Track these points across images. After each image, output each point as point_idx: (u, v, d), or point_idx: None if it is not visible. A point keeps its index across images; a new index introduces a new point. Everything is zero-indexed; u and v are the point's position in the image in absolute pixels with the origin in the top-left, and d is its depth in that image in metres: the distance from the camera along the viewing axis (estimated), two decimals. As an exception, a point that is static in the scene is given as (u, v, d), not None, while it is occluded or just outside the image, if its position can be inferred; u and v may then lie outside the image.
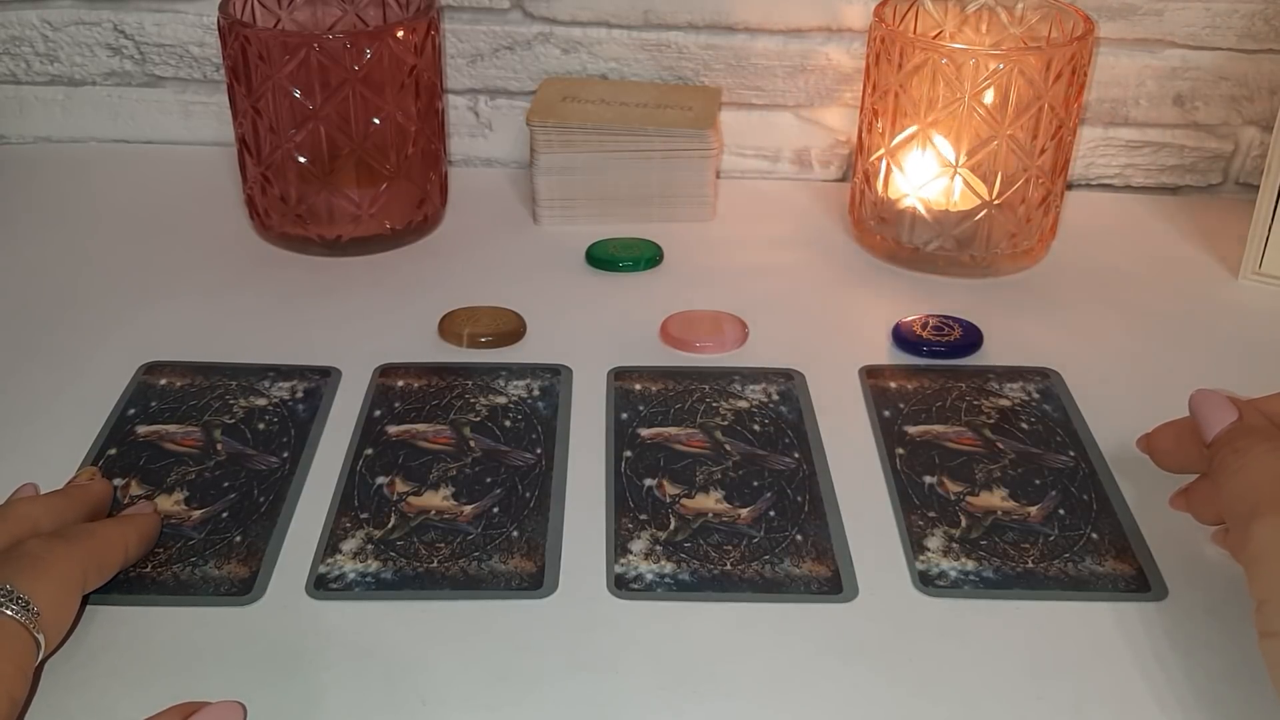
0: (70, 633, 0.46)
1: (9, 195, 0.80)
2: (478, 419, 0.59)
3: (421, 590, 0.49)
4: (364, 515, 0.53)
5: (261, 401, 0.60)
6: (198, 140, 0.86)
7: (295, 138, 0.70)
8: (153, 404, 0.59)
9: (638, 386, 0.62)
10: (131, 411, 0.59)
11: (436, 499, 0.54)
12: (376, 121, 0.70)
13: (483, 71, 0.83)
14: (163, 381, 0.61)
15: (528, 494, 0.54)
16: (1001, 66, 0.66)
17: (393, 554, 0.50)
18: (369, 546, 0.51)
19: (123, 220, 0.77)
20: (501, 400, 0.60)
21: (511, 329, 0.65)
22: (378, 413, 0.59)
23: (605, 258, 0.73)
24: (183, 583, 0.49)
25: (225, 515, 0.52)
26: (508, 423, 0.59)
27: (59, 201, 0.79)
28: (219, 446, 0.57)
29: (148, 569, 0.50)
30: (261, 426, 0.58)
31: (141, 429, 0.58)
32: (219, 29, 0.69)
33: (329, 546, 0.51)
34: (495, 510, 0.53)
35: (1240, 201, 0.81)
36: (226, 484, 0.54)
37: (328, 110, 0.69)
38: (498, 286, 0.70)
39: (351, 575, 0.49)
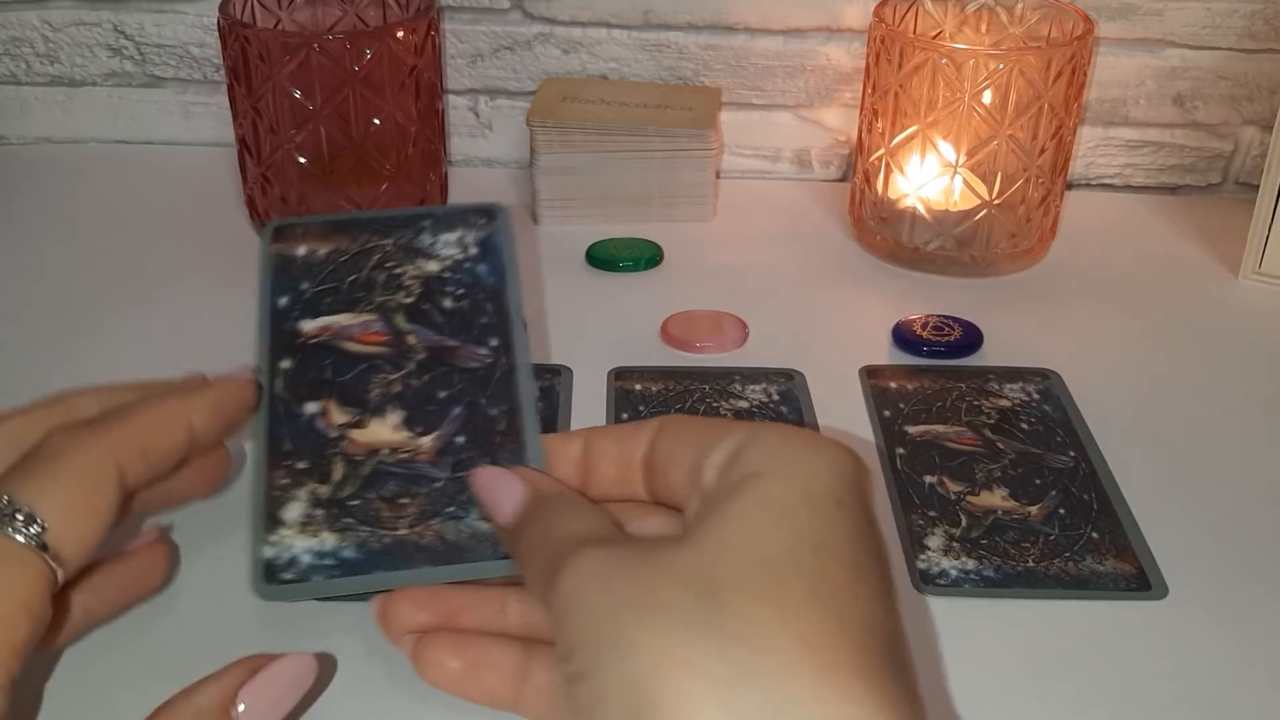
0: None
1: (9, 195, 0.80)
2: None
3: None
4: None
5: None
6: (198, 140, 0.86)
7: (295, 138, 0.70)
8: None
9: (638, 387, 0.62)
10: None
11: None
12: (376, 122, 0.70)
13: (483, 71, 0.83)
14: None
15: None
16: (1001, 66, 0.66)
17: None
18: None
19: (123, 221, 0.77)
20: None
21: (512, 329, 0.65)
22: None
23: (605, 258, 0.73)
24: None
25: None
26: None
27: (59, 202, 0.79)
28: None
29: None
30: None
31: None
32: (219, 29, 0.69)
33: None
34: None
35: (1240, 201, 0.81)
36: None
37: (328, 110, 0.69)
38: (498, 286, 0.70)
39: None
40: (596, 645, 0.31)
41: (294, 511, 0.41)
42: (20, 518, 0.34)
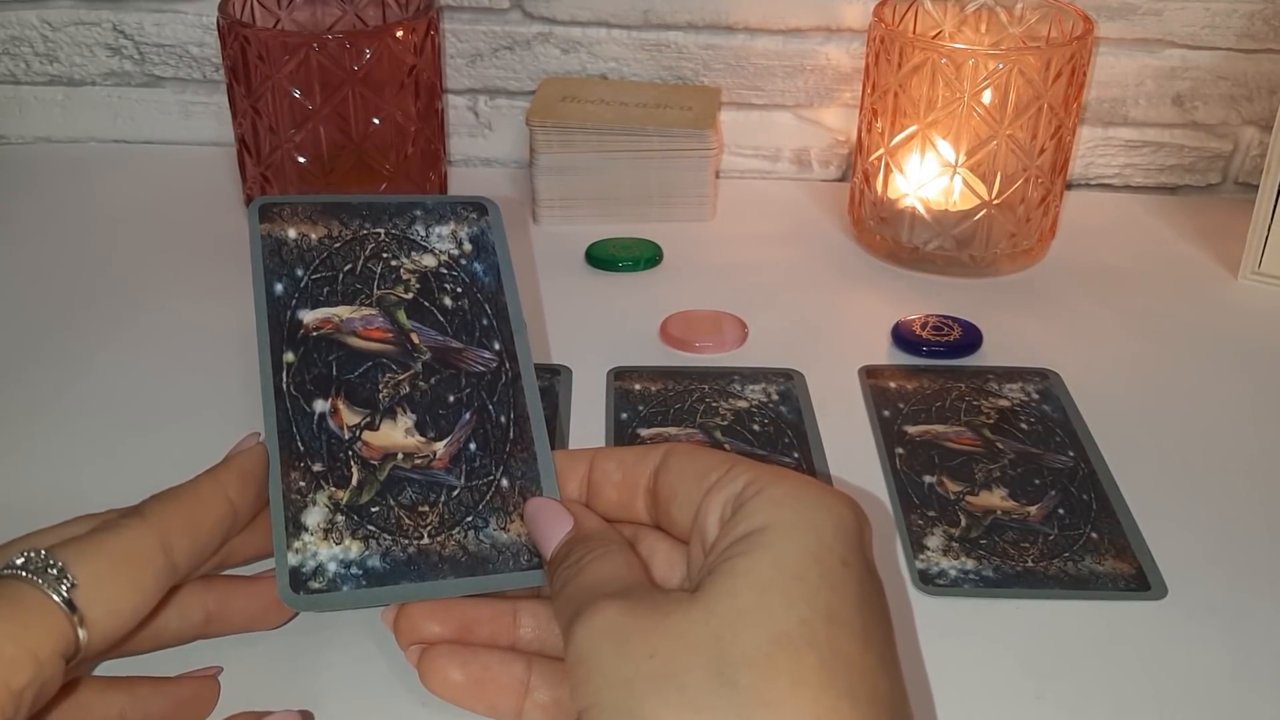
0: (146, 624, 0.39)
1: (9, 195, 0.80)
2: None
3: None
4: None
5: None
6: (197, 140, 0.86)
7: (295, 138, 0.70)
8: None
9: (637, 386, 0.62)
10: None
11: None
12: (376, 121, 0.70)
13: (482, 71, 0.83)
14: None
15: None
16: (1001, 66, 0.66)
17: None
18: None
19: (122, 220, 0.77)
20: None
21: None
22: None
23: (605, 258, 0.73)
24: None
25: None
26: None
27: (59, 201, 0.79)
28: None
29: None
30: None
31: None
32: (219, 29, 0.69)
33: None
34: None
35: (1240, 201, 0.81)
36: None
37: (327, 110, 0.69)
38: (497, 286, 0.70)
39: None
40: (613, 714, 0.32)
41: (314, 517, 0.41)
42: (53, 572, 0.34)
